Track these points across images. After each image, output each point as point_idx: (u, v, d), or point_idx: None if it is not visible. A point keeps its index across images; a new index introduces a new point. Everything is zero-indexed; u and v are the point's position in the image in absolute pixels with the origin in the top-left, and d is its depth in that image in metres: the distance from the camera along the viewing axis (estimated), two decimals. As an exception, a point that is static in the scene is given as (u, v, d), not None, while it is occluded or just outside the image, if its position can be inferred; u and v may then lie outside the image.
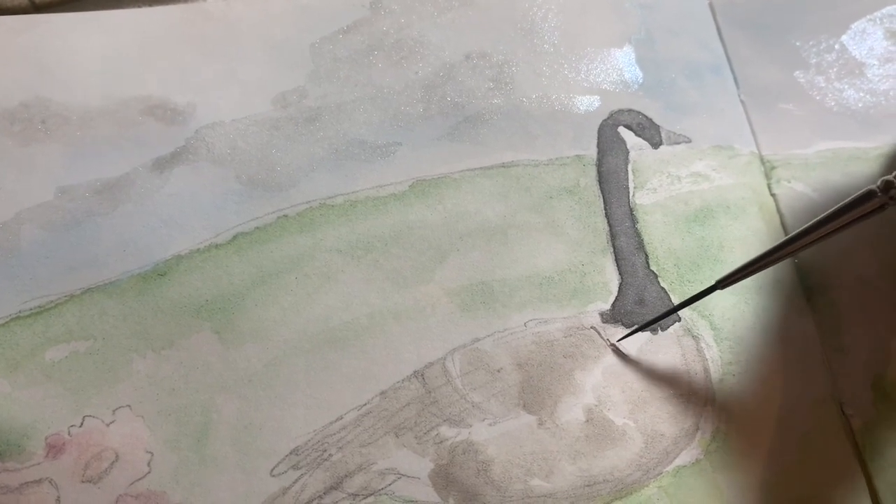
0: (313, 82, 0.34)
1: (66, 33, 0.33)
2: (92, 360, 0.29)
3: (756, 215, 0.35)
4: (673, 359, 0.32)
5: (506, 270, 0.32)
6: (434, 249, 0.32)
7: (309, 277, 0.31)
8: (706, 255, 0.34)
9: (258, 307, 0.30)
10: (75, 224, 0.31)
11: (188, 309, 0.30)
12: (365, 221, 0.32)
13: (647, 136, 0.35)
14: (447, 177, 0.33)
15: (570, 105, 0.35)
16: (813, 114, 0.37)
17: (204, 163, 0.32)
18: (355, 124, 0.34)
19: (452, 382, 0.30)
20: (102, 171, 0.31)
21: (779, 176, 0.36)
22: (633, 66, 0.37)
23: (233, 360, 0.30)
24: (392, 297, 0.31)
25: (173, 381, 0.29)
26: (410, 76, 0.35)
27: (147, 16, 0.34)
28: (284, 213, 0.32)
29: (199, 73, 0.33)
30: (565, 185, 0.34)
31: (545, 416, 0.30)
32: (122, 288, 0.30)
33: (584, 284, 0.32)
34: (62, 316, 0.29)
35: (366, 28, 0.35)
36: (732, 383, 0.32)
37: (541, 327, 0.31)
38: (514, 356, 0.31)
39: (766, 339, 0.33)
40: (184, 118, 0.33)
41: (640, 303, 0.32)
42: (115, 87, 0.33)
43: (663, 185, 0.35)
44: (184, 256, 0.31)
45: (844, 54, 0.39)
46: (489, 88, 0.35)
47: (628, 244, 0.33)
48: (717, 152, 0.36)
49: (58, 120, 0.32)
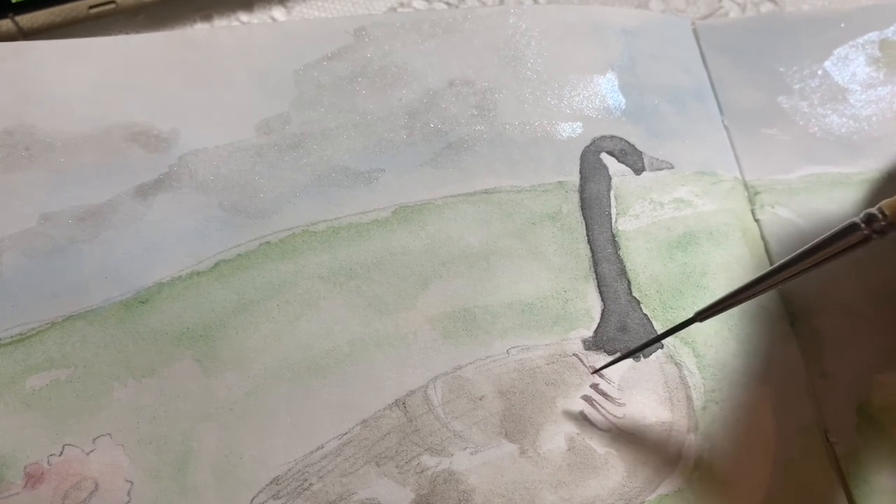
0: (297, 109, 0.34)
1: (51, 60, 0.33)
2: (72, 388, 0.29)
3: (739, 241, 0.35)
4: (655, 386, 0.32)
5: (488, 297, 0.32)
6: (416, 276, 0.32)
7: (291, 304, 0.31)
8: (689, 281, 0.34)
9: (239, 335, 0.30)
10: (58, 251, 0.30)
11: (169, 336, 0.30)
12: (348, 248, 0.32)
13: (629, 162, 0.35)
14: (430, 203, 0.33)
15: (552, 131, 0.36)
16: (796, 139, 0.37)
17: (187, 189, 0.32)
18: (339, 151, 0.34)
19: (434, 411, 0.30)
20: (86, 198, 0.31)
21: (762, 201, 0.36)
22: (615, 93, 0.37)
23: (214, 389, 0.29)
24: (374, 323, 0.31)
25: (154, 410, 0.29)
26: (394, 103, 0.35)
27: (132, 42, 0.34)
28: (267, 240, 0.32)
29: (183, 100, 0.33)
30: (548, 212, 0.34)
31: (527, 445, 0.30)
32: (104, 315, 0.30)
33: (567, 311, 0.32)
34: (43, 343, 0.29)
35: (350, 55, 0.35)
36: (715, 411, 0.32)
37: (523, 354, 0.31)
38: (496, 384, 0.31)
39: (749, 365, 0.32)
40: (167, 145, 0.33)
41: (623, 329, 0.32)
42: (100, 114, 0.33)
43: (646, 212, 0.35)
44: (165, 283, 0.31)
45: (827, 80, 0.39)
46: (472, 115, 0.35)
47: (610, 270, 0.33)
48: (699, 178, 0.36)
49: (42, 147, 0.32)
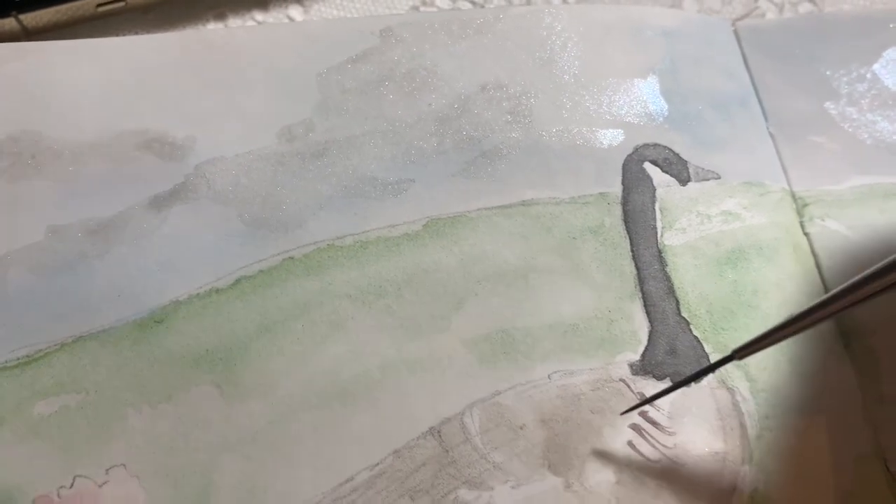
0: (320, 115, 0.32)
1: (57, 62, 0.31)
2: (84, 414, 0.27)
3: (790, 257, 0.33)
4: (707, 413, 0.30)
5: (527, 318, 0.30)
6: (450, 295, 0.30)
7: (316, 325, 0.29)
8: (740, 300, 0.32)
9: (262, 358, 0.29)
10: (67, 267, 0.29)
11: (187, 359, 0.28)
12: (376, 264, 0.31)
13: (674, 172, 0.34)
14: (463, 216, 0.32)
15: (592, 139, 0.34)
16: (845, 147, 0.36)
17: (204, 201, 0.30)
18: (365, 160, 0.32)
19: (472, 440, 0.28)
20: (96, 210, 0.30)
21: (811, 213, 0.34)
22: (657, 98, 0.35)
23: (235, 416, 0.28)
24: (405, 346, 0.29)
25: (171, 439, 0.27)
26: (423, 108, 0.33)
27: (144, 44, 0.33)
28: (290, 255, 0.30)
29: (198, 105, 0.32)
30: (589, 225, 0.32)
31: (572, 478, 0.28)
32: (117, 336, 0.28)
33: (612, 333, 0.31)
34: (52, 366, 0.27)
35: (376, 57, 0.34)
36: (770, 439, 0.30)
37: (566, 380, 0.30)
38: (537, 411, 0.29)
39: (803, 390, 0.31)
40: (183, 153, 0.31)
41: (672, 353, 0.30)
42: (110, 120, 0.31)
43: (693, 225, 0.33)
44: (182, 302, 0.29)
45: (877, 84, 0.37)
46: (506, 121, 0.33)
47: (657, 289, 0.31)
48: (747, 189, 0.34)
49: (49, 155, 0.30)
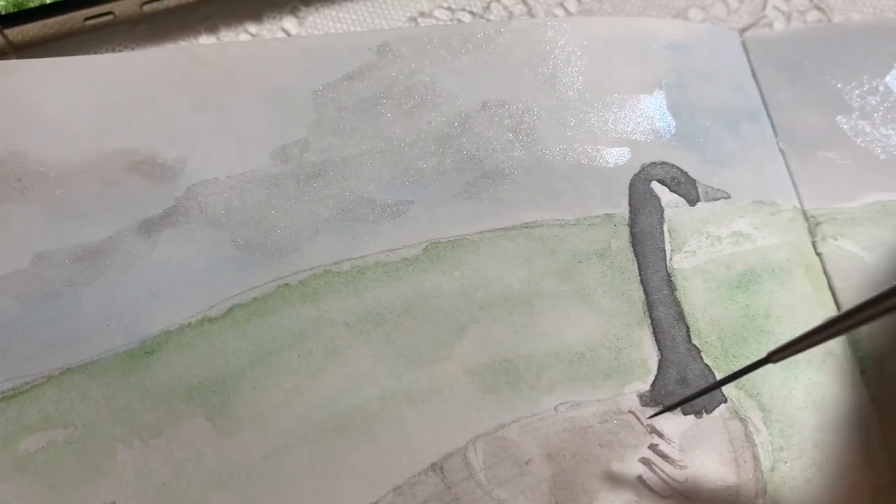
0: (316, 134, 0.31)
1: (44, 80, 0.30)
2: (72, 450, 0.26)
3: (803, 278, 0.32)
4: (719, 445, 0.29)
5: (532, 346, 0.29)
6: (451, 322, 0.29)
7: (313, 355, 0.28)
8: (752, 325, 0.31)
9: (256, 390, 0.28)
10: (54, 295, 0.28)
11: (179, 392, 0.27)
12: (374, 290, 0.30)
13: (682, 191, 0.33)
14: (464, 239, 0.31)
15: (597, 158, 0.33)
16: (858, 163, 0.35)
17: (196, 225, 0.30)
18: (363, 181, 0.31)
19: (475, 476, 0.27)
20: (84, 235, 0.29)
21: (824, 233, 0.33)
22: (664, 114, 0.34)
23: (229, 451, 0.27)
24: (405, 376, 0.28)
25: (163, 475, 0.26)
26: (422, 127, 0.32)
27: (132, 60, 0.32)
28: (285, 282, 0.29)
29: (190, 124, 0.31)
30: (595, 248, 0.31)
31: (580, 516, 0.27)
32: (106, 368, 0.27)
33: (620, 362, 0.30)
34: (38, 400, 0.27)
35: (373, 74, 0.33)
36: (785, 471, 0.29)
37: (573, 412, 0.29)
38: (543, 445, 0.28)
39: (818, 419, 0.30)
40: (173, 175, 0.30)
41: (683, 382, 0.29)
42: (98, 140, 0.30)
43: (703, 247, 0.32)
44: (173, 332, 0.28)
45: (890, 96, 0.36)
46: (508, 140, 0.32)
47: (667, 315, 0.30)
48: (758, 208, 0.33)
49: (35, 177, 0.29)
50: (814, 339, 0.25)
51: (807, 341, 0.25)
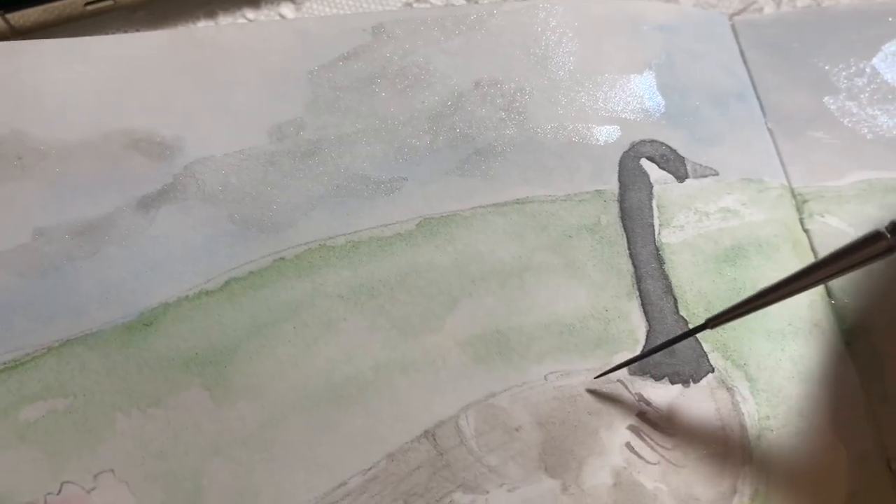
0: (312, 113, 0.32)
1: (44, 61, 0.31)
2: (72, 419, 0.27)
3: (790, 253, 0.33)
4: (707, 414, 0.29)
5: (522, 317, 0.30)
6: (444, 294, 0.30)
7: (308, 326, 0.29)
8: (739, 298, 0.30)
9: (253, 360, 0.28)
10: (54, 269, 0.28)
11: (176, 363, 0.28)
12: (369, 264, 0.30)
13: (671, 168, 0.33)
14: (457, 214, 0.31)
15: (587, 136, 0.33)
16: (845, 142, 0.35)
17: (193, 201, 0.30)
18: (357, 158, 0.32)
19: (466, 443, 0.28)
20: (83, 211, 0.29)
21: (811, 210, 0.34)
22: (654, 93, 0.34)
23: (225, 420, 0.27)
24: (399, 347, 0.29)
25: (161, 443, 0.27)
26: (416, 106, 0.33)
27: (132, 42, 0.32)
28: (281, 256, 0.30)
29: (187, 104, 0.31)
30: (585, 223, 0.32)
31: (569, 481, 0.28)
32: (105, 339, 0.28)
33: (609, 332, 0.30)
34: (39, 371, 0.27)
35: (367, 54, 0.33)
36: (771, 439, 0.29)
37: (562, 381, 0.29)
38: (533, 413, 0.29)
39: (804, 389, 0.30)
40: (171, 153, 0.30)
41: (670, 352, 0.30)
42: (97, 120, 0.30)
43: (691, 223, 0.32)
44: (171, 304, 0.28)
45: (876, 78, 0.37)
46: (501, 119, 0.33)
47: (655, 288, 0.31)
48: (745, 185, 0.34)
49: (35, 155, 0.30)
50: (746, 307, 0.27)
51: (740, 310, 0.27)
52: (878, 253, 0.25)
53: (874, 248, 0.25)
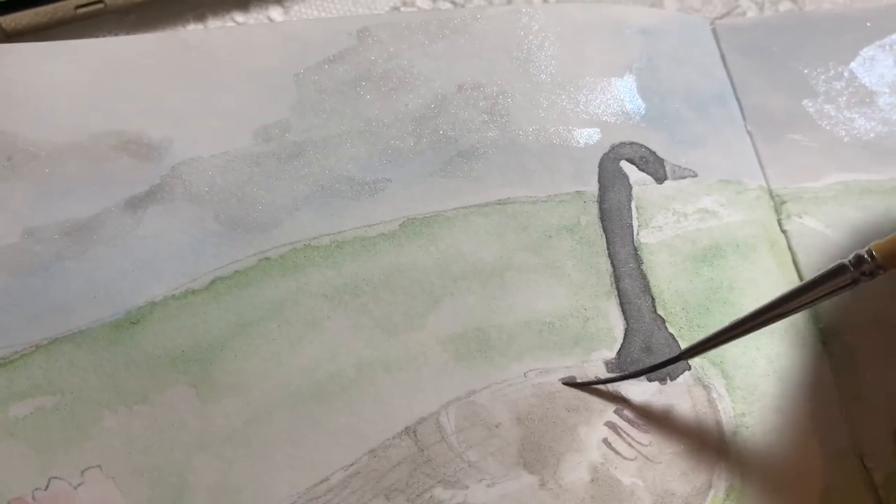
0: (297, 115, 0.32)
1: (35, 63, 0.31)
2: (59, 416, 0.27)
3: (767, 254, 0.33)
4: (683, 411, 0.30)
5: (503, 316, 0.30)
6: (426, 294, 0.30)
7: (292, 325, 0.29)
8: (715, 297, 0.32)
9: (237, 358, 0.29)
10: (42, 268, 0.29)
11: (163, 360, 0.28)
12: (352, 263, 0.30)
13: (650, 170, 0.34)
14: (440, 215, 0.32)
15: (568, 138, 0.34)
16: (823, 145, 0.36)
17: (180, 202, 0.30)
18: (342, 160, 0.32)
19: (447, 440, 0.28)
20: (72, 212, 0.30)
21: (789, 211, 0.34)
22: (634, 97, 0.35)
23: (210, 417, 0.28)
24: (382, 346, 0.29)
25: (147, 439, 0.27)
26: (400, 108, 0.33)
27: (121, 45, 0.33)
28: (266, 256, 0.30)
29: (175, 106, 0.32)
30: (565, 224, 0.32)
31: (547, 476, 0.28)
32: (92, 337, 0.28)
33: (587, 331, 0.31)
34: (28, 368, 0.27)
35: (353, 58, 0.34)
36: (746, 436, 0.30)
37: (542, 378, 0.30)
38: (513, 410, 0.29)
39: (780, 387, 0.31)
40: (159, 154, 0.31)
41: (648, 350, 0.30)
42: (87, 121, 0.31)
43: (669, 223, 0.33)
44: (158, 303, 0.29)
45: (854, 82, 0.37)
46: (483, 121, 0.33)
47: (633, 287, 0.31)
48: (724, 187, 0.34)
49: (24, 156, 0.30)
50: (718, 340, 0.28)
51: (712, 342, 0.28)
52: (843, 285, 0.26)
53: (838, 280, 0.26)
